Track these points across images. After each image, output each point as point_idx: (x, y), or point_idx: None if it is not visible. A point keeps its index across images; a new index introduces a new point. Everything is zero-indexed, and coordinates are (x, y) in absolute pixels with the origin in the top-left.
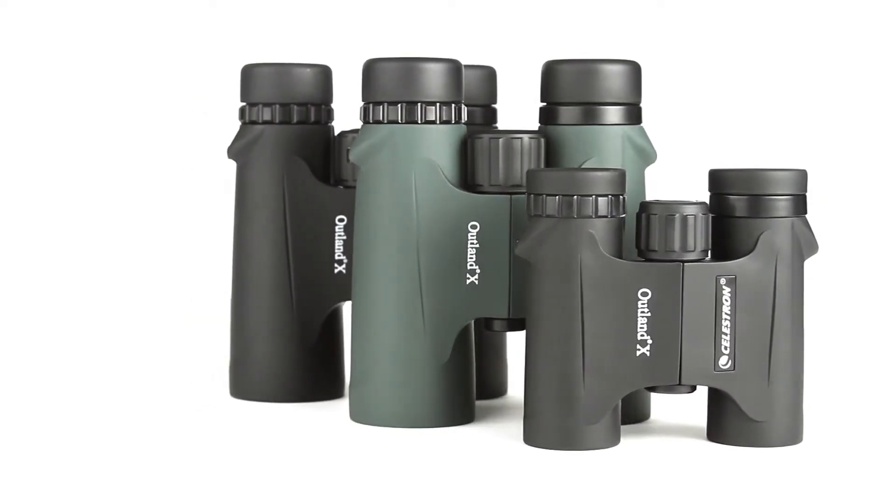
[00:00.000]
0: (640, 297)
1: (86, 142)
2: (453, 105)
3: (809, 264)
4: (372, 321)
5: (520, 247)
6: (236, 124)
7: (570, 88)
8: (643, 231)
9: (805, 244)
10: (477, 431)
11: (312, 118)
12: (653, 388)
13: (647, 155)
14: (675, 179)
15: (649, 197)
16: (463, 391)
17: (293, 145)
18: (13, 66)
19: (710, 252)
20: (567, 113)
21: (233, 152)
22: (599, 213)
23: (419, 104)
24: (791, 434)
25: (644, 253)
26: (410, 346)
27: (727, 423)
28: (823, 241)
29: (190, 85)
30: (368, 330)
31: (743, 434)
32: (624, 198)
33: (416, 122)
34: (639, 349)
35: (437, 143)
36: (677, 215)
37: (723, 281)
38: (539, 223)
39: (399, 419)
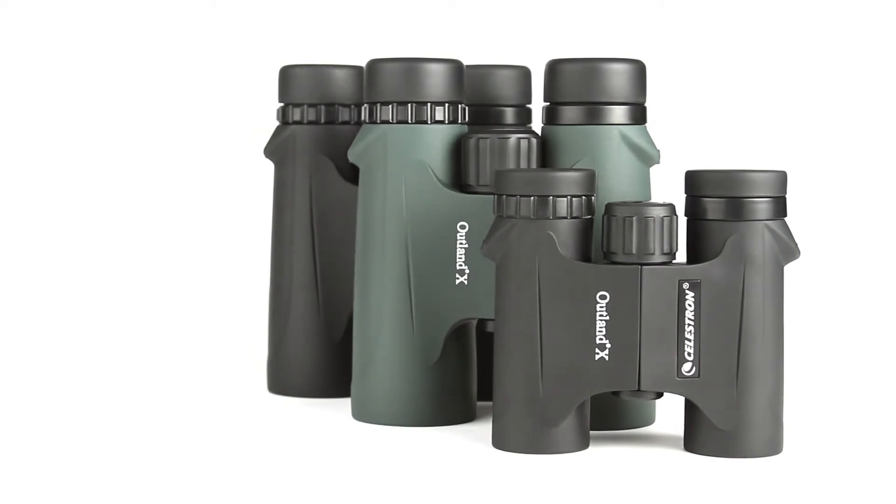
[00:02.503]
0: (598, 300)
1: (130, 143)
2: (447, 105)
3: (793, 269)
4: (365, 319)
5: (483, 247)
6: (274, 124)
7: (570, 88)
8: (604, 233)
9: (782, 249)
10: (458, 432)
11: (348, 118)
12: (616, 394)
13: (646, 156)
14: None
15: (654, 199)
16: (459, 391)
17: (325, 145)
18: (43, 66)
19: (676, 255)
20: (564, 112)
21: (268, 152)
22: (558, 215)
23: (410, 104)
24: (770, 445)
25: (606, 255)
26: (400, 345)
27: (699, 432)
28: (822, 245)
29: (229, 86)
30: (362, 328)
31: (716, 444)
32: (591, 198)
33: (408, 122)
34: (597, 353)
35: (429, 144)
36: (635, 217)
37: (686, 285)
38: (501, 224)
39: (390, 417)
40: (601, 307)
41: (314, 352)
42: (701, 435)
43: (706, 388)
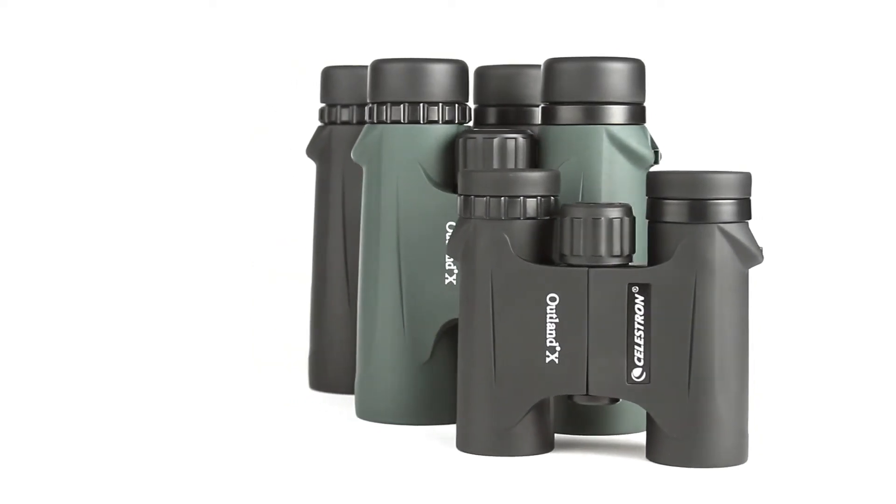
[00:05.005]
0: (548, 302)
1: (174, 141)
2: (443, 105)
3: (775, 275)
4: (363, 318)
5: (447, 247)
6: (315, 124)
7: (565, 88)
8: (557, 234)
9: (740, 253)
10: (445, 432)
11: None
12: (570, 398)
13: (637, 157)
14: None
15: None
16: (450, 391)
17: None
18: (80, 65)
19: (633, 258)
20: (559, 112)
21: (310, 151)
22: (512, 215)
23: (404, 104)
24: (732, 454)
25: (561, 257)
26: (392, 344)
27: (656, 440)
28: (821, 246)
29: (271, 85)
30: (361, 326)
31: (674, 452)
32: (552, 199)
33: (402, 122)
34: (548, 356)
35: (425, 144)
36: (582, 219)
37: (635, 289)
38: (462, 224)
39: (385, 416)
40: (551, 309)
41: (353, 348)
42: (659, 443)
43: (657, 395)
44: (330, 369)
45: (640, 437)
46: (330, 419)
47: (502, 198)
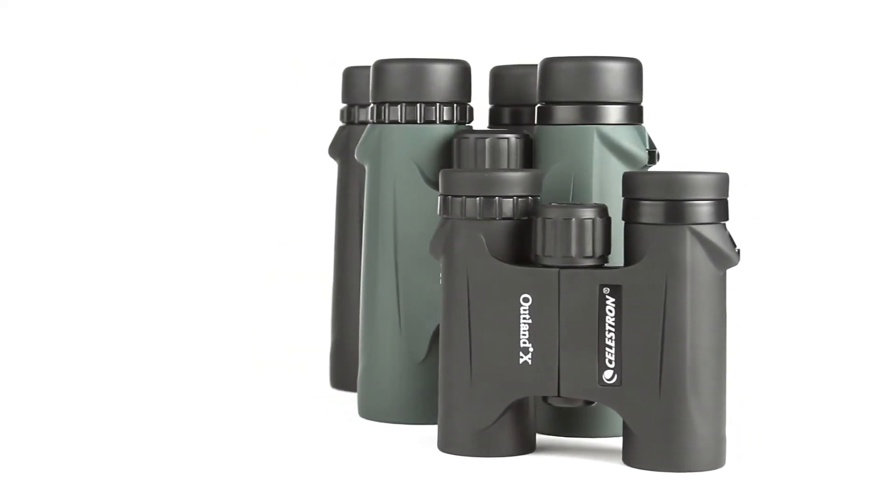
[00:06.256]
0: (521, 302)
1: (178, 141)
2: (440, 104)
3: (760, 276)
4: (362, 317)
5: (429, 246)
6: (337, 124)
7: (560, 87)
8: (531, 235)
9: (712, 255)
10: (432, 431)
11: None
12: (545, 400)
13: (630, 157)
14: None
15: None
16: None
17: None
18: (102, 64)
19: (609, 259)
20: (553, 112)
21: (332, 151)
22: (487, 216)
23: (402, 104)
24: (709, 459)
25: (536, 258)
26: (388, 343)
27: (629, 444)
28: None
29: (291, 85)
30: (361, 325)
31: (647, 456)
32: (531, 200)
33: (400, 122)
34: (521, 356)
35: (422, 143)
36: (553, 219)
37: (606, 290)
38: (442, 224)
39: (383, 415)
40: (525, 310)
41: None
42: (633, 447)
43: (629, 398)
44: (352, 368)
45: None
46: (332, 418)
47: (478, 198)
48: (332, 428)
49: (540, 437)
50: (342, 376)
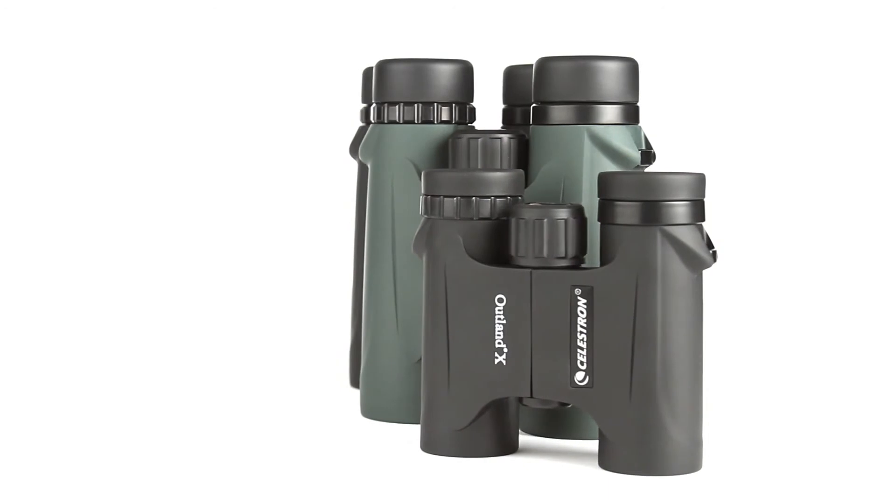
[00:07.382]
0: (497, 303)
1: (214, 140)
2: (439, 105)
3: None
4: (364, 316)
5: (412, 245)
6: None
7: (554, 87)
8: (506, 235)
9: (684, 256)
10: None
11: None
12: (521, 400)
13: (621, 157)
14: None
15: None
16: None
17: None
18: (116, 63)
19: (584, 260)
20: (547, 112)
21: (353, 151)
22: (465, 216)
23: (400, 104)
24: (683, 462)
25: (510, 258)
26: (386, 343)
27: (603, 447)
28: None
29: (308, 86)
30: (363, 325)
31: (620, 460)
32: (509, 199)
33: (398, 122)
34: (496, 357)
35: (420, 143)
36: (524, 220)
37: (578, 291)
38: (424, 223)
39: (382, 414)
40: (499, 310)
41: None
42: (606, 450)
43: (600, 400)
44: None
45: None
46: (333, 417)
47: (456, 198)
48: (331, 427)
49: (524, 438)
50: (359, 375)
